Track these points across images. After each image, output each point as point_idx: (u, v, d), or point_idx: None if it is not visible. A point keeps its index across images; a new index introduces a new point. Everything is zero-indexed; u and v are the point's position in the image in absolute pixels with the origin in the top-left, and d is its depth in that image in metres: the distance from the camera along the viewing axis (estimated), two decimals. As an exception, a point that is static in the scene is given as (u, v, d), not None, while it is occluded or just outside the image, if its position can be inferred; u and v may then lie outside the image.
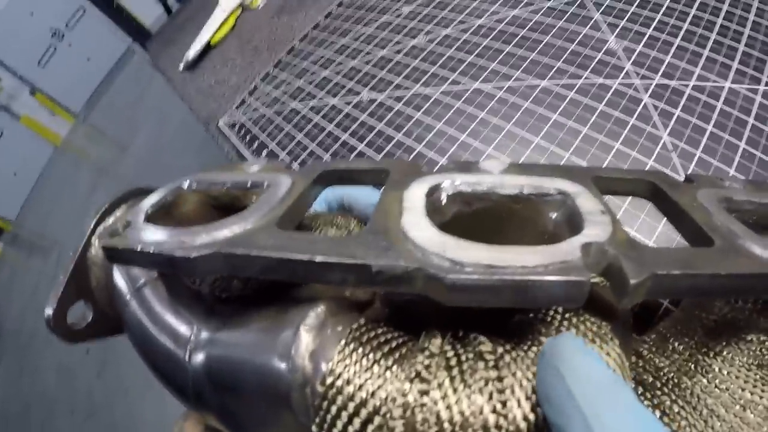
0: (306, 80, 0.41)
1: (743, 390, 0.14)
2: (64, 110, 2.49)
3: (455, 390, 0.10)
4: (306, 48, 0.46)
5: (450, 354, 0.11)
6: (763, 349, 0.14)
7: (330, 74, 0.39)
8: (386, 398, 0.11)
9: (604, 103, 0.28)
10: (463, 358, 0.11)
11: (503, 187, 0.13)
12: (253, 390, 0.13)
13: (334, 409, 0.11)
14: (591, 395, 0.11)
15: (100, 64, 2.53)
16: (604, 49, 0.30)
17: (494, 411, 0.10)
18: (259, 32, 0.57)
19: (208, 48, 0.62)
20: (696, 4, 0.31)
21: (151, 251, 0.13)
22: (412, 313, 0.14)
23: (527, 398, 0.11)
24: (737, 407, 0.14)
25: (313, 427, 0.11)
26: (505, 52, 0.33)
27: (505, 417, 0.10)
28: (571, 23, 0.33)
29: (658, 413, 0.14)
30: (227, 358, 0.14)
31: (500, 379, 0.11)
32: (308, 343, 0.12)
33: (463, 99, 0.31)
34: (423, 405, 0.10)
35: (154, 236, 0.13)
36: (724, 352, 0.15)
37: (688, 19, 0.31)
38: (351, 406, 0.11)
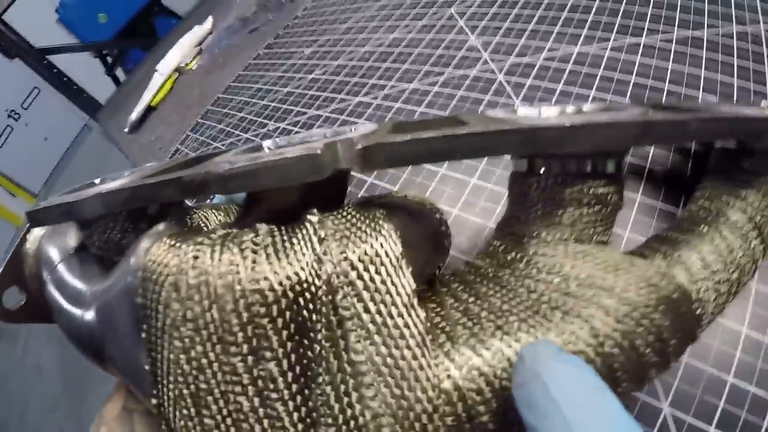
0: (225, 124, 0.47)
1: (562, 266, 0.14)
2: (24, 190, 2.48)
3: (217, 252, 0.12)
4: (227, 98, 0.52)
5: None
6: (577, 222, 0.15)
7: (243, 115, 0.46)
8: (176, 264, 0.12)
9: (463, 88, 0.33)
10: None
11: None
12: (122, 316, 0.14)
13: (150, 285, 0.12)
14: (576, 404, 0.10)
15: (58, 142, 2.55)
16: (465, 46, 0.37)
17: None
18: (191, 91, 0.63)
19: (149, 110, 0.67)
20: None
21: (56, 203, 0.16)
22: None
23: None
24: (556, 280, 0.14)
25: (140, 308, 0.13)
26: (382, 68, 0.39)
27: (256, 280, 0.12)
28: (440, 33, 0.40)
29: (471, 299, 0.14)
30: (106, 302, 0.15)
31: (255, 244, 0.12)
32: (145, 245, 0.14)
33: (346, 113, 0.37)
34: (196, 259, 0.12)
35: (61, 198, 0.17)
36: (542, 234, 0.15)
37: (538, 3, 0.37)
38: (159, 277, 0.12)
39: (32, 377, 1.26)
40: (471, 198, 0.27)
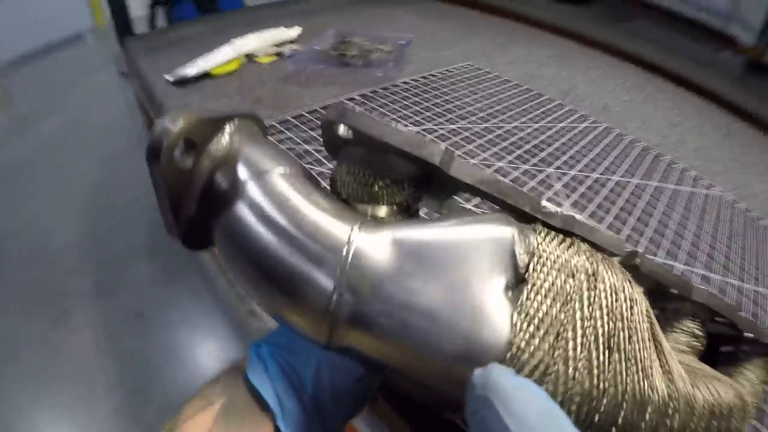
0: (313, 147, 0.45)
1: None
2: None
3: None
4: (315, 120, 0.51)
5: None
6: (689, 334, 0.21)
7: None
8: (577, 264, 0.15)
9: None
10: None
11: None
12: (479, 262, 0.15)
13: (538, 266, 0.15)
14: (528, 428, 0.10)
15: (45, 30, 2.31)
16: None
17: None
18: (263, 87, 0.61)
19: (204, 75, 0.64)
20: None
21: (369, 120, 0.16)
22: None
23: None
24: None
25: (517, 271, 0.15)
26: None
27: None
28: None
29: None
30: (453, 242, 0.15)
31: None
32: (513, 230, 0.16)
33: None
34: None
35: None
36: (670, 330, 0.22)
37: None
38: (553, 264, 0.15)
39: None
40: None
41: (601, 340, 0.14)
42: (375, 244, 0.16)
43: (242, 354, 0.20)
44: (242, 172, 0.17)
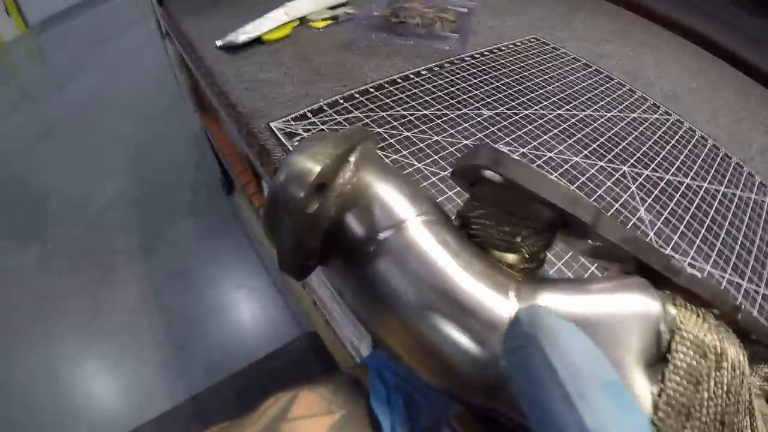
0: (384, 131, 0.41)
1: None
2: (20, 17, 2.14)
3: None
4: (383, 97, 0.47)
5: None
6: (763, 378, 0.19)
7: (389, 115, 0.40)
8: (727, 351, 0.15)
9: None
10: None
11: None
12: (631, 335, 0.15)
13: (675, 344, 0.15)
14: (575, 371, 0.10)
15: None
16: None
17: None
18: (321, 56, 0.56)
19: (256, 41, 0.60)
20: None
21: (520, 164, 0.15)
22: None
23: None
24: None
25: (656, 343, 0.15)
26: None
27: None
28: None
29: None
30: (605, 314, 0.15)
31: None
32: (663, 308, 0.15)
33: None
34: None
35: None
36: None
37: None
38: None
39: None
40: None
41: (718, 418, 0.15)
42: None
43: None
44: (381, 218, 0.16)
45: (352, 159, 0.17)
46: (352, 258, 0.16)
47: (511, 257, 0.17)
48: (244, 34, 0.59)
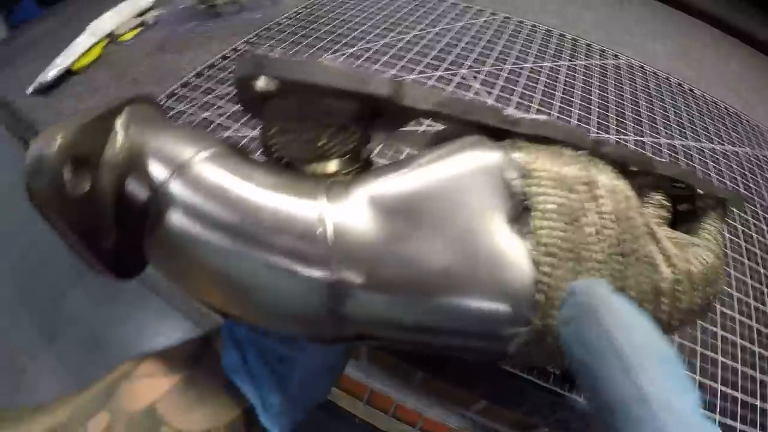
0: (214, 112, 0.42)
1: None
2: None
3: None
4: (204, 84, 0.47)
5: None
6: (658, 206, 0.20)
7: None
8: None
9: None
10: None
11: None
12: (476, 197, 0.14)
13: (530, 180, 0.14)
14: (635, 344, 0.10)
15: None
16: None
17: None
18: (135, 66, 0.55)
19: (67, 73, 0.57)
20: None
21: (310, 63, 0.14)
22: None
23: None
24: None
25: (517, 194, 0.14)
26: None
27: None
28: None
29: None
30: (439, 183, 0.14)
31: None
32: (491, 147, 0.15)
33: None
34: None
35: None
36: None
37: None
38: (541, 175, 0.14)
39: None
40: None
41: (615, 250, 0.13)
42: (352, 214, 0.14)
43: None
44: (157, 170, 0.14)
45: (119, 124, 0.15)
46: (149, 228, 0.15)
47: (328, 166, 0.16)
48: (54, 68, 0.56)
